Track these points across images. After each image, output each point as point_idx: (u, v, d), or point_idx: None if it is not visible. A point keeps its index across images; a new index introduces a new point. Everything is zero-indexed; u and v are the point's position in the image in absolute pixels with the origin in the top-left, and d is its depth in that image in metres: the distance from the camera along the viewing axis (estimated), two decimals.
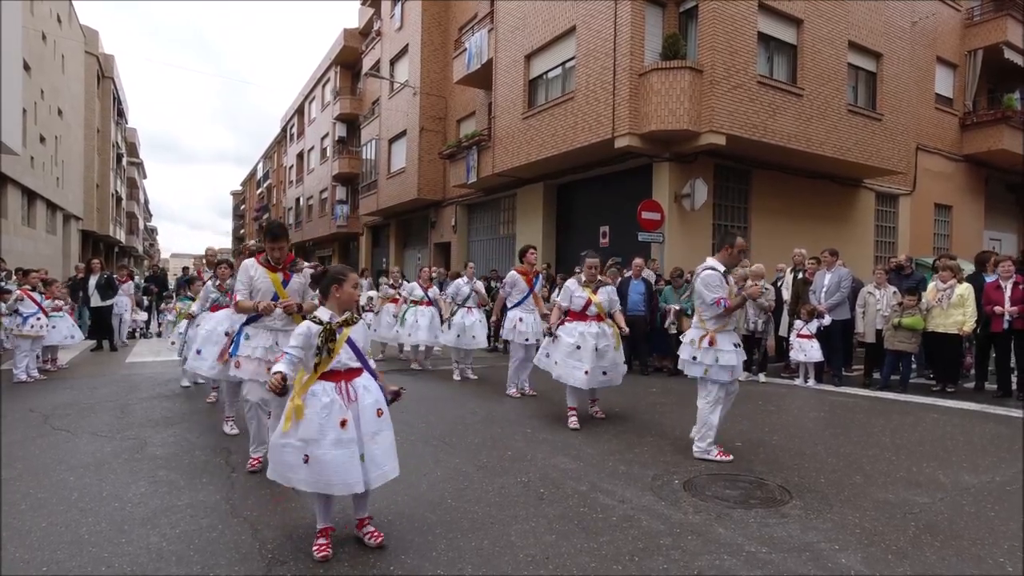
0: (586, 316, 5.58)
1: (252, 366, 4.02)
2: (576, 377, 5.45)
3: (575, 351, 5.47)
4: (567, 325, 5.62)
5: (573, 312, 5.63)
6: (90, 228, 33.41)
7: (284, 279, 4.08)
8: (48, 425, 5.45)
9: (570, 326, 5.60)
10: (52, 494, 3.70)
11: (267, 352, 4.00)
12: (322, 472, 2.78)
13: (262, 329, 4.07)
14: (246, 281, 4.06)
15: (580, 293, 5.61)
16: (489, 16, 15.59)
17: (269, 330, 4.08)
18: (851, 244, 13.60)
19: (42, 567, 2.79)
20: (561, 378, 5.59)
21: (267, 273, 4.06)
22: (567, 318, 5.68)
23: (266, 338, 4.06)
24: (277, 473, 2.90)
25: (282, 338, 3.98)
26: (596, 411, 5.92)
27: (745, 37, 11.13)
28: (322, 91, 32.48)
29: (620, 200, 12.70)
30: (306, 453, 2.79)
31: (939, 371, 7.73)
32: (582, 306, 5.59)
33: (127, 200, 49.29)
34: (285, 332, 4.00)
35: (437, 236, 20.51)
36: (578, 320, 5.58)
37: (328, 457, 2.77)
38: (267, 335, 4.07)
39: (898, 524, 3.36)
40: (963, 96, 17.06)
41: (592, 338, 5.44)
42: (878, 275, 8.28)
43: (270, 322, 4.06)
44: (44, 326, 8.08)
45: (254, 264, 4.09)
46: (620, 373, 5.70)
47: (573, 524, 3.33)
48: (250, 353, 4.02)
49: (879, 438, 5.25)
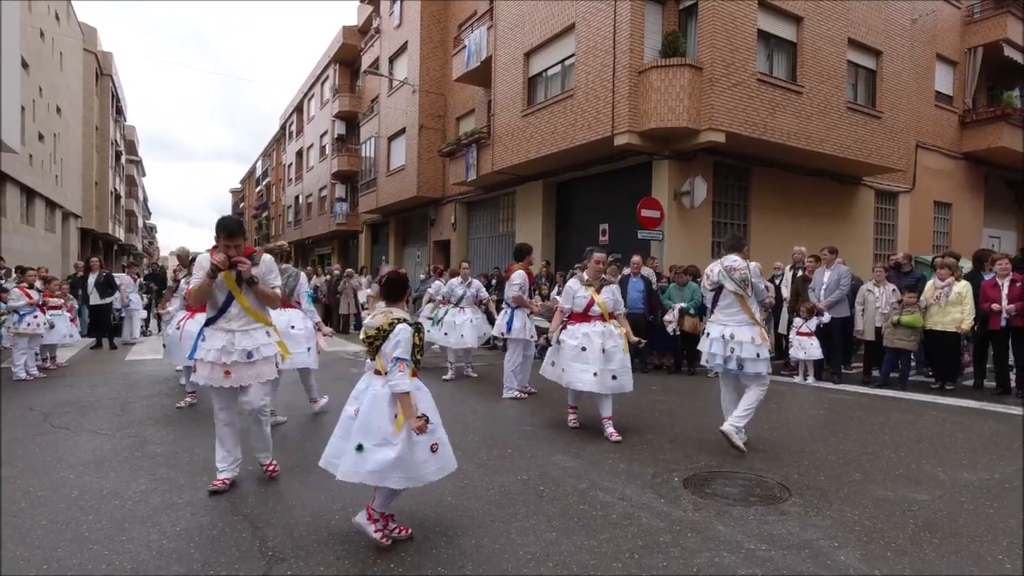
0: (589, 317, 5.27)
1: (205, 371, 3.68)
2: (585, 380, 5.10)
3: (580, 353, 5.15)
4: (569, 328, 5.32)
5: (576, 314, 5.32)
6: (89, 226, 33.39)
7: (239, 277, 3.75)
8: (48, 423, 5.45)
9: (572, 328, 5.30)
10: (52, 492, 3.71)
11: (220, 354, 3.66)
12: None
13: (218, 330, 3.73)
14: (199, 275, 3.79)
15: (583, 293, 5.30)
16: (488, 13, 15.57)
17: (225, 331, 3.73)
18: (851, 242, 13.62)
19: (43, 565, 2.79)
20: (571, 384, 5.22)
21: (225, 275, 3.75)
22: (569, 321, 5.37)
23: (220, 339, 3.70)
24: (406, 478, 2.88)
25: (239, 338, 3.71)
26: (611, 433, 5.10)
27: (745, 34, 11.13)
28: (321, 89, 32.44)
29: (619, 198, 12.70)
30: (433, 442, 2.99)
31: (938, 369, 7.74)
32: (584, 307, 5.27)
33: (126, 198, 49.23)
34: (244, 332, 3.73)
35: (437, 234, 20.50)
36: (581, 322, 5.28)
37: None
38: (222, 336, 3.71)
39: (897, 521, 3.37)
40: (963, 93, 17.06)
41: (598, 338, 5.14)
42: (877, 273, 8.29)
43: (225, 323, 3.73)
44: (41, 324, 8.07)
45: (210, 259, 3.73)
46: (630, 378, 5.27)
47: (573, 522, 3.33)
48: (203, 356, 3.69)
49: (878, 435, 5.26)
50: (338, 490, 3.76)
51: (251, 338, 3.76)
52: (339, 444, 3.05)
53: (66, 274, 17.34)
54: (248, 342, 3.73)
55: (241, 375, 3.69)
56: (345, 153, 28.33)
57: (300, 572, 2.75)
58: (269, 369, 3.85)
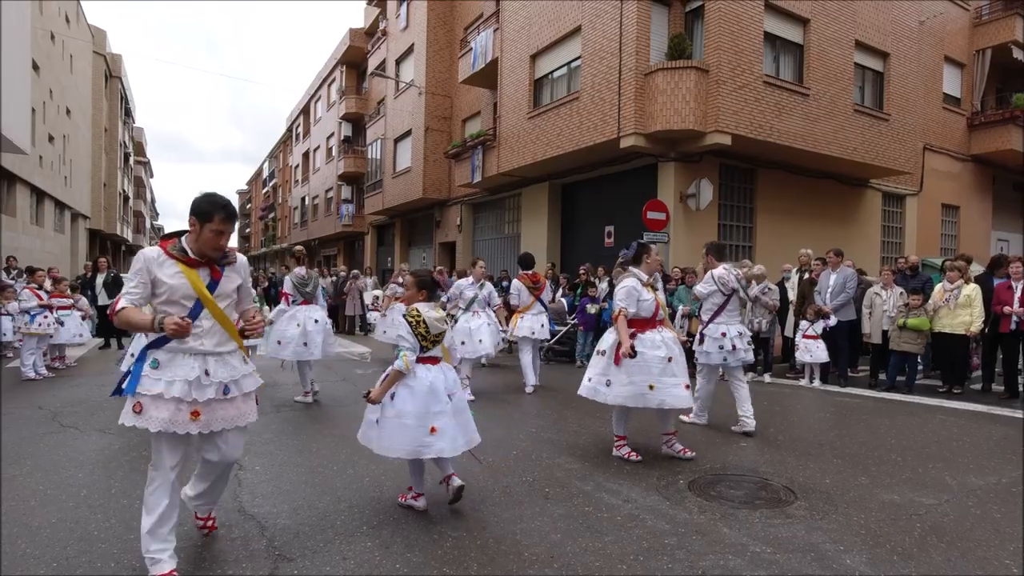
0: (655, 323, 4.55)
1: (166, 411, 2.55)
2: (681, 396, 4.41)
3: (668, 365, 4.41)
4: (642, 337, 4.46)
5: (639, 321, 4.49)
6: (97, 227, 33.61)
7: (212, 278, 2.71)
8: (57, 422, 5.50)
9: (647, 337, 4.47)
10: (62, 491, 3.74)
11: (191, 389, 2.59)
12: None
13: (182, 353, 2.63)
14: (142, 281, 2.62)
15: (647, 295, 4.52)
16: (495, 16, 15.60)
17: (193, 354, 2.64)
18: (857, 244, 13.55)
19: (52, 563, 2.82)
20: (663, 403, 4.39)
21: (182, 270, 2.65)
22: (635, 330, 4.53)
23: (186, 365, 2.62)
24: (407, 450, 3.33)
25: (214, 366, 2.68)
26: (682, 450, 4.56)
27: (751, 37, 11.11)
28: (328, 91, 32.57)
29: (625, 200, 12.69)
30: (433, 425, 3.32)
31: (946, 372, 7.70)
32: (652, 311, 4.53)
33: (134, 199, 49.54)
34: (219, 358, 2.70)
35: (442, 235, 20.54)
36: (648, 329, 4.51)
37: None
38: (190, 362, 2.63)
39: (903, 526, 3.36)
40: (971, 96, 16.96)
41: (675, 345, 4.55)
42: (885, 275, 8.26)
43: (194, 342, 2.64)
44: (51, 324, 8.15)
45: (160, 256, 2.65)
46: None
47: (578, 523, 3.34)
48: (162, 391, 2.55)
49: (884, 439, 5.24)
50: (344, 491, 3.79)
51: (228, 366, 2.73)
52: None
53: (75, 274, 17.48)
54: (225, 371, 2.71)
55: (214, 418, 2.66)
56: (351, 155, 28.43)
57: (307, 572, 2.76)
58: (250, 409, 2.84)
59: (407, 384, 3.35)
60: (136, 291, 2.63)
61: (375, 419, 3.38)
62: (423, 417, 3.30)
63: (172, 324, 2.47)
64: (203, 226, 2.64)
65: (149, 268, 2.62)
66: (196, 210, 2.66)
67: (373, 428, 3.39)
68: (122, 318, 2.59)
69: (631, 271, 4.61)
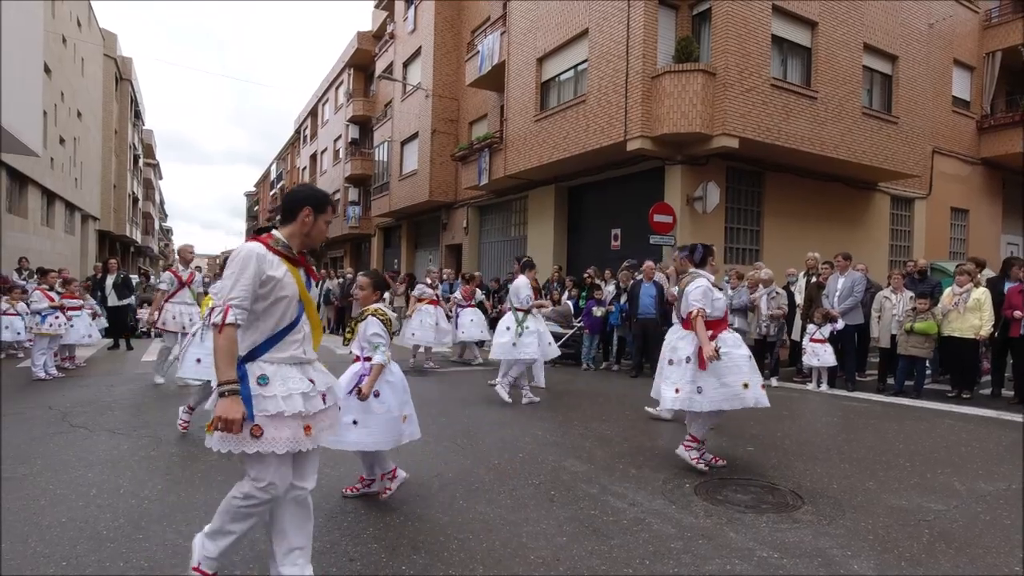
0: (726, 323, 4.49)
1: (287, 429, 2.28)
2: (761, 396, 4.29)
3: (749, 361, 4.34)
4: (723, 337, 4.33)
5: (713, 321, 4.32)
6: (107, 228, 33.89)
7: (309, 278, 2.49)
8: (66, 422, 5.54)
9: (727, 336, 4.38)
10: (71, 490, 3.77)
11: (306, 401, 2.35)
12: None
13: (286, 364, 2.37)
14: (253, 284, 2.27)
15: (719, 295, 4.41)
16: (502, 19, 15.65)
17: (298, 363, 2.41)
18: (865, 248, 13.49)
19: (62, 561, 2.84)
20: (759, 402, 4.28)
21: (289, 269, 2.38)
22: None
23: (297, 378, 2.38)
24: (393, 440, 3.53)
25: (314, 374, 2.46)
26: (715, 458, 4.47)
27: (759, 39, 11.09)
28: (335, 93, 32.73)
29: (632, 203, 12.69)
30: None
31: (955, 377, 7.64)
32: (724, 311, 4.44)
33: (143, 200, 49.94)
34: (314, 364, 2.50)
35: (449, 238, 20.58)
36: (722, 329, 4.40)
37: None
38: (297, 373, 2.38)
39: (912, 531, 3.34)
40: (981, 99, 16.86)
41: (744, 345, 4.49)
42: (895, 280, 8.22)
43: (296, 350, 2.40)
44: (63, 324, 8.23)
45: (265, 252, 2.33)
46: None
47: (584, 527, 3.33)
48: (282, 409, 2.28)
49: (892, 444, 5.21)
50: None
51: (322, 372, 2.54)
52: None
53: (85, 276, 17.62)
54: (322, 379, 2.51)
55: (320, 430, 2.45)
56: (358, 157, 28.54)
57: (312, 573, 2.77)
58: (338, 418, 2.68)
59: (387, 380, 3.56)
60: (247, 298, 2.25)
61: (352, 420, 3.43)
62: (400, 408, 3.60)
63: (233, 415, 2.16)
64: (318, 217, 2.44)
65: (261, 266, 2.29)
66: (312, 199, 2.44)
67: (351, 430, 3.44)
68: (226, 342, 2.20)
69: (699, 272, 4.46)
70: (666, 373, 4.43)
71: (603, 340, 10.14)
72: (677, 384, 4.30)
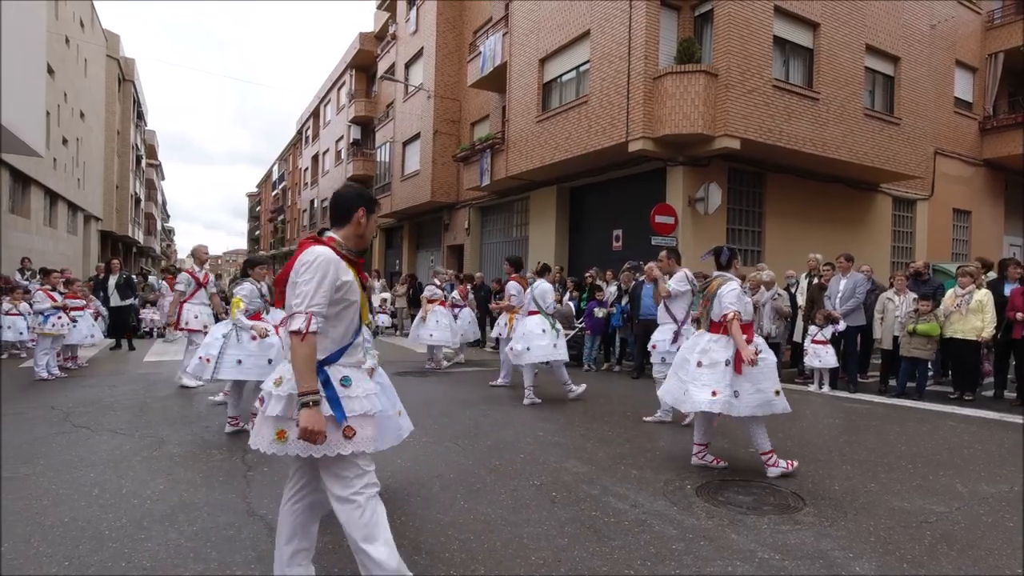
0: (753, 328, 4.48)
1: (371, 428, 2.32)
2: (787, 403, 4.29)
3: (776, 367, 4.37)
4: (756, 341, 4.35)
5: (744, 325, 4.26)
6: (109, 229, 33.96)
7: (362, 281, 2.44)
8: (69, 422, 5.56)
9: (758, 341, 4.40)
10: (74, 490, 3.78)
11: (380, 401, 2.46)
12: None
13: (355, 367, 2.38)
14: (330, 292, 2.23)
15: (748, 299, 4.43)
16: (504, 20, 15.66)
17: (361, 367, 2.44)
18: (867, 249, 13.47)
19: (64, 561, 2.85)
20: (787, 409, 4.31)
21: (355, 276, 2.37)
22: None
23: (367, 380, 2.43)
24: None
25: (380, 374, 2.66)
26: (714, 460, 4.47)
27: (761, 41, 11.09)
28: (337, 94, 32.78)
29: (633, 203, 12.69)
30: None
31: (957, 378, 7.63)
32: (752, 314, 4.43)
33: (145, 201, 50.00)
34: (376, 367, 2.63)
35: (450, 238, 20.60)
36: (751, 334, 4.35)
37: None
38: (364, 375, 2.43)
39: (914, 533, 3.33)
40: (983, 100, 16.84)
41: None
42: (899, 281, 8.21)
43: (360, 354, 2.43)
44: (65, 324, 8.25)
45: (338, 258, 2.29)
46: None
47: (585, 528, 3.34)
48: (368, 408, 2.32)
49: (894, 446, 5.20)
50: None
51: (381, 375, 2.68)
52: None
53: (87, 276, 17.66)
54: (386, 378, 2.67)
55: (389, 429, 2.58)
56: (360, 158, 28.58)
57: (315, 573, 2.78)
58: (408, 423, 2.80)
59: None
60: (325, 305, 2.21)
61: None
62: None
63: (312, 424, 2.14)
64: (370, 217, 2.43)
65: (337, 272, 2.25)
66: (363, 199, 2.42)
67: None
68: (309, 350, 2.16)
69: (727, 274, 4.38)
70: (694, 375, 4.28)
71: (604, 341, 10.14)
72: (714, 387, 4.15)
